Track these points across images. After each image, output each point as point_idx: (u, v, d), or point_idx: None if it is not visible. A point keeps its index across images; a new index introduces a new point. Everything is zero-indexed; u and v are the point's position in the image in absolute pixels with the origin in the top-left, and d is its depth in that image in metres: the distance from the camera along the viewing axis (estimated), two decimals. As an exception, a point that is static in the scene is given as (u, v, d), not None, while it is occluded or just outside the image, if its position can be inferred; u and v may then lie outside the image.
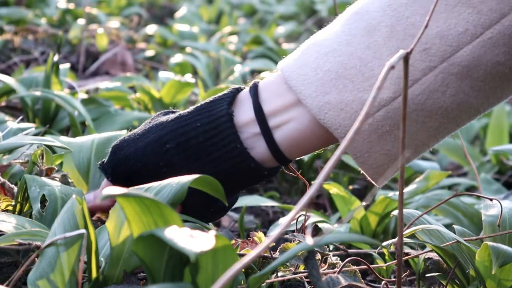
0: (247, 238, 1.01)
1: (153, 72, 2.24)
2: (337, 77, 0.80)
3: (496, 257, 0.83)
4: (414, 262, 0.99)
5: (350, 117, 0.80)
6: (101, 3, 3.19)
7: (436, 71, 0.79)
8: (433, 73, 0.79)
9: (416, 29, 0.79)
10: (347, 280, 0.78)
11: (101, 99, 1.53)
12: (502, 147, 1.55)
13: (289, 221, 0.57)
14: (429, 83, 0.79)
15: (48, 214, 0.86)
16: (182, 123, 0.85)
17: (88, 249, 0.72)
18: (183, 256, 0.67)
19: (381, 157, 0.82)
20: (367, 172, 0.84)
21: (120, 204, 0.68)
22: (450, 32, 0.78)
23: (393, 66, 0.59)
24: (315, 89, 0.81)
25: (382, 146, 0.82)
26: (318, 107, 0.81)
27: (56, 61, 1.44)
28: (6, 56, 2.10)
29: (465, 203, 1.14)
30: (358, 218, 1.18)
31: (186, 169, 0.84)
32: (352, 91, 0.80)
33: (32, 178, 0.90)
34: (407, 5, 0.80)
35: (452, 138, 1.79)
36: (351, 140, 0.57)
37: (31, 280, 0.68)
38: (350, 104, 0.80)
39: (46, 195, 0.87)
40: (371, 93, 0.58)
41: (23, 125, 1.19)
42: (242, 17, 3.67)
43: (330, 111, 0.80)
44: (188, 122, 0.85)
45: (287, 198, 1.48)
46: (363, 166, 0.84)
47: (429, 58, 0.78)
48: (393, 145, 0.82)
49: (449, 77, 0.79)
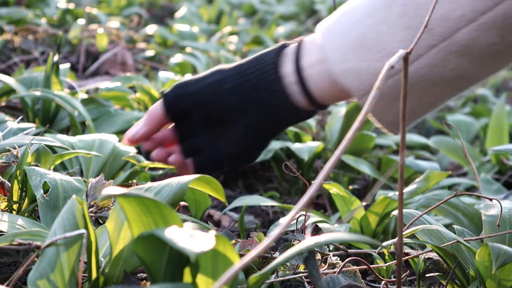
0: (247, 238, 1.01)
1: (153, 72, 2.24)
2: (357, 47, 0.92)
3: (496, 257, 0.83)
4: (414, 262, 0.99)
5: (364, 83, 0.92)
6: (101, 3, 3.19)
7: (437, 49, 0.89)
8: (435, 50, 0.89)
9: (424, 10, 0.89)
10: (347, 280, 0.78)
11: (101, 99, 1.53)
12: (502, 147, 1.55)
13: (289, 221, 0.57)
14: (432, 58, 0.89)
15: (52, 199, 0.88)
16: (240, 69, 0.99)
17: (88, 249, 0.72)
18: (183, 256, 0.67)
19: (395, 115, 0.94)
20: (384, 126, 0.96)
21: (120, 204, 0.68)
22: (451, 15, 0.88)
23: (392, 66, 0.59)
24: (339, 56, 0.93)
25: (395, 107, 0.93)
26: (339, 72, 0.93)
27: (56, 61, 1.44)
28: (6, 56, 2.10)
29: (465, 203, 1.14)
30: (358, 218, 1.18)
31: (239, 106, 0.98)
32: (367, 60, 0.92)
33: (31, 169, 0.91)
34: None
35: (452, 138, 1.79)
36: (350, 139, 0.57)
37: (31, 280, 0.68)
38: (365, 71, 0.92)
39: (48, 182, 0.88)
40: (371, 93, 0.58)
41: (23, 125, 1.20)
42: (242, 17, 3.67)
43: (349, 76, 0.93)
44: (245, 68, 0.99)
45: (287, 198, 1.48)
46: (381, 122, 0.96)
47: (431, 37, 0.88)
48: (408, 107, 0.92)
49: (449, 54, 0.89)
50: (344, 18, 0.95)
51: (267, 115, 0.98)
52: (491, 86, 3.09)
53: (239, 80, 0.98)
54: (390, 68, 0.59)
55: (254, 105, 0.98)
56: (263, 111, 0.98)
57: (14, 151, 0.95)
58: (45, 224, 0.85)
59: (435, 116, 2.42)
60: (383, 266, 0.97)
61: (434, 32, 0.88)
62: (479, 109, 2.38)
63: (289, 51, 0.98)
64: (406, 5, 0.89)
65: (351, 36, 0.93)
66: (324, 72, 0.95)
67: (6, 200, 0.93)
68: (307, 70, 0.96)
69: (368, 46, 0.91)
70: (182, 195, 0.79)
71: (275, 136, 1.04)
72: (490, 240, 0.91)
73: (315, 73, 0.95)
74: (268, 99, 0.97)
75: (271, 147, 1.49)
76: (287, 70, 0.97)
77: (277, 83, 0.97)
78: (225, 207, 1.35)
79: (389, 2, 0.91)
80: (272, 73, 0.97)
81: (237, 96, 0.98)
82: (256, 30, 3.06)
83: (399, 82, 0.91)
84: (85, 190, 0.93)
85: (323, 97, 0.97)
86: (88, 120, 1.36)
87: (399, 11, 0.90)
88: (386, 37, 0.90)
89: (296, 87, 0.96)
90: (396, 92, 0.92)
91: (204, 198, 1.23)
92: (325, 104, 0.99)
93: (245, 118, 0.98)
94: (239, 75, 0.99)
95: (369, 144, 1.63)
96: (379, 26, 0.91)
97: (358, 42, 0.92)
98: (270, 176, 1.61)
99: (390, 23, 0.90)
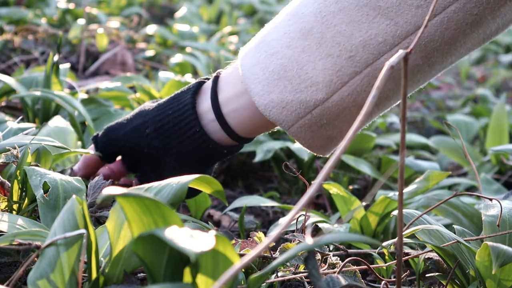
0: (247, 238, 1.01)
1: (153, 72, 2.24)
2: (279, 78, 0.91)
3: (496, 257, 0.83)
4: (414, 262, 0.99)
5: (291, 114, 0.92)
6: (101, 3, 3.19)
7: (361, 75, 0.89)
8: (359, 76, 0.89)
9: (342, 37, 0.88)
10: (347, 280, 0.78)
11: (101, 99, 1.52)
12: (502, 147, 1.55)
13: (289, 221, 0.57)
14: (357, 85, 0.89)
15: (52, 199, 0.88)
16: (159, 111, 1.00)
17: (88, 249, 0.72)
18: (183, 256, 0.67)
19: (323, 140, 0.96)
20: (313, 151, 0.98)
21: (120, 204, 0.68)
22: (371, 41, 0.88)
23: (392, 66, 0.59)
24: (262, 88, 0.92)
25: (323, 133, 0.94)
26: (263, 105, 0.92)
27: (56, 61, 1.44)
28: (6, 56, 2.10)
29: (465, 203, 1.14)
30: (358, 218, 1.18)
31: (163, 149, 0.99)
32: (291, 91, 0.91)
33: (31, 169, 0.91)
34: (335, 13, 0.88)
35: (452, 138, 1.79)
36: (350, 139, 0.57)
37: (31, 280, 0.68)
38: (290, 103, 0.91)
39: (48, 182, 0.88)
40: (372, 92, 0.58)
41: (23, 125, 1.20)
42: (242, 17, 3.67)
43: (274, 108, 0.92)
44: (163, 110, 1.00)
45: (287, 198, 1.48)
46: (310, 148, 0.97)
47: (354, 64, 0.88)
48: (333, 131, 0.94)
49: (374, 79, 0.89)
50: (263, 49, 0.93)
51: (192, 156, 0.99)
52: (491, 86, 3.09)
53: (158, 124, 0.99)
54: (390, 68, 0.59)
55: (178, 147, 0.99)
56: (188, 151, 0.98)
57: (14, 151, 0.95)
58: (45, 224, 0.85)
59: (435, 116, 2.42)
60: (383, 266, 0.97)
61: (356, 59, 0.88)
62: (479, 109, 2.38)
63: (206, 87, 0.98)
64: (323, 33, 0.89)
65: (272, 67, 0.91)
66: (245, 106, 0.94)
67: (6, 200, 0.93)
68: (225, 105, 0.96)
69: (290, 76, 0.91)
70: (182, 195, 0.79)
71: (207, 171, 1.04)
72: (490, 240, 0.91)
73: (235, 108, 0.95)
74: (190, 140, 0.98)
75: (271, 147, 1.49)
76: (204, 108, 0.97)
77: (196, 124, 0.97)
78: (225, 207, 1.36)
79: (305, 31, 0.90)
80: (190, 114, 0.97)
81: (160, 140, 0.99)
82: (256, 30, 3.06)
83: (325, 111, 0.91)
84: (85, 190, 0.93)
85: (245, 130, 0.97)
86: (88, 120, 1.35)
87: (318, 40, 0.89)
88: (307, 66, 0.90)
89: (215, 125, 0.97)
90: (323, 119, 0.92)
91: (204, 198, 1.23)
92: (247, 138, 0.99)
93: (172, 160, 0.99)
94: (159, 118, 0.99)
95: (369, 144, 1.63)
96: (299, 56, 0.90)
97: (280, 73, 0.91)
98: (270, 176, 1.61)
99: (309, 53, 0.90)
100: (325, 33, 0.89)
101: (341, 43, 0.88)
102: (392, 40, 0.87)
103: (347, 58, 0.88)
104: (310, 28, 0.90)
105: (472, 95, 2.68)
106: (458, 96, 2.86)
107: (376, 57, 0.88)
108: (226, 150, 0.99)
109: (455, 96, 2.86)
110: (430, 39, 0.87)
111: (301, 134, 0.94)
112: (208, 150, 0.98)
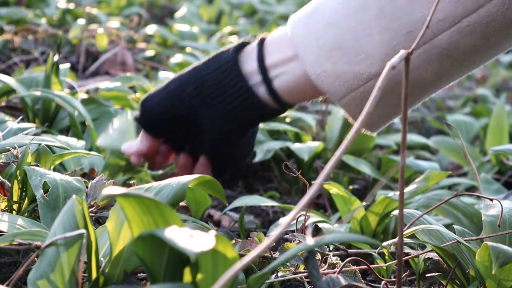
0: (247, 238, 1.01)
1: (153, 72, 2.24)
2: (334, 48, 0.90)
3: (496, 257, 0.83)
4: (414, 262, 0.99)
5: (343, 85, 0.91)
6: (101, 3, 3.19)
7: (419, 51, 0.88)
8: (417, 52, 0.88)
9: (402, 12, 0.87)
10: (347, 280, 0.78)
11: (101, 99, 1.52)
12: (502, 147, 1.55)
13: (289, 221, 0.57)
14: (413, 60, 0.88)
15: (52, 199, 0.88)
16: (198, 70, 0.97)
17: (88, 249, 0.72)
18: (183, 256, 0.67)
19: (374, 117, 0.95)
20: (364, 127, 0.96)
21: (120, 204, 0.68)
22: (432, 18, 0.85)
23: (394, 66, 0.59)
24: (315, 57, 0.91)
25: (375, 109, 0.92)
26: (316, 74, 0.91)
27: (56, 61, 1.44)
28: (6, 56, 2.10)
29: (465, 203, 1.14)
30: (358, 218, 1.18)
31: (204, 109, 0.96)
32: (345, 63, 0.90)
33: (31, 169, 0.91)
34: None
35: (452, 138, 1.78)
36: (351, 140, 0.57)
37: (31, 280, 0.68)
38: (343, 74, 0.90)
39: (48, 182, 0.88)
40: (373, 92, 0.58)
41: (23, 125, 1.20)
42: (242, 17, 3.67)
43: (327, 78, 0.91)
44: (204, 68, 0.96)
45: (287, 198, 1.48)
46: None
47: (412, 40, 0.87)
48: (384, 107, 0.93)
49: (431, 56, 0.88)
50: (317, 18, 0.92)
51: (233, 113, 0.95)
52: (491, 86, 3.09)
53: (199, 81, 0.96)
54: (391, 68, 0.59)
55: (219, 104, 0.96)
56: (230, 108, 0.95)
57: (14, 151, 0.95)
58: (45, 224, 0.85)
59: (435, 116, 2.42)
60: (383, 266, 0.97)
61: (414, 35, 0.87)
62: (479, 109, 2.38)
63: (249, 50, 0.96)
64: (383, 8, 0.88)
65: (327, 37, 0.90)
66: (293, 72, 0.93)
67: (6, 200, 0.93)
68: (273, 69, 0.94)
69: (346, 48, 0.90)
70: (182, 195, 0.79)
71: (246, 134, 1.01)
72: (490, 240, 0.91)
73: (283, 73, 0.93)
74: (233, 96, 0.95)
75: (271, 147, 1.49)
76: (249, 69, 0.95)
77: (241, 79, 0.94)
78: (225, 207, 1.35)
79: (364, 3, 0.89)
80: (234, 70, 0.95)
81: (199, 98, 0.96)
82: (256, 30, 3.06)
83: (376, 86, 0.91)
84: (85, 190, 0.93)
85: (290, 96, 0.95)
86: (88, 120, 1.35)
87: (376, 13, 0.88)
88: (364, 39, 0.89)
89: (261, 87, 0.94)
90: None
91: (204, 198, 1.22)
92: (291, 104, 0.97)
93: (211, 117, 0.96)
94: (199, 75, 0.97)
95: (369, 144, 1.63)
96: (356, 28, 0.89)
97: (335, 44, 0.90)
98: (270, 176, 1.61)
99: (367, 25, 0.89)
100: (385, 7, 0.88)
101: (401, 17, 0.87)
102: (452, 18, 0.86)
103: (405, 34, 0.87)
104: (369, 1, 0.89)
105: (472, 95, 2.68)
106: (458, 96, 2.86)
107: (435, 34, 0.87)
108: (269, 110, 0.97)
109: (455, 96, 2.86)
110: (491, 18, 0.86)
111: (351, 107, 0.93)
112: (251, 106, 0.95)
